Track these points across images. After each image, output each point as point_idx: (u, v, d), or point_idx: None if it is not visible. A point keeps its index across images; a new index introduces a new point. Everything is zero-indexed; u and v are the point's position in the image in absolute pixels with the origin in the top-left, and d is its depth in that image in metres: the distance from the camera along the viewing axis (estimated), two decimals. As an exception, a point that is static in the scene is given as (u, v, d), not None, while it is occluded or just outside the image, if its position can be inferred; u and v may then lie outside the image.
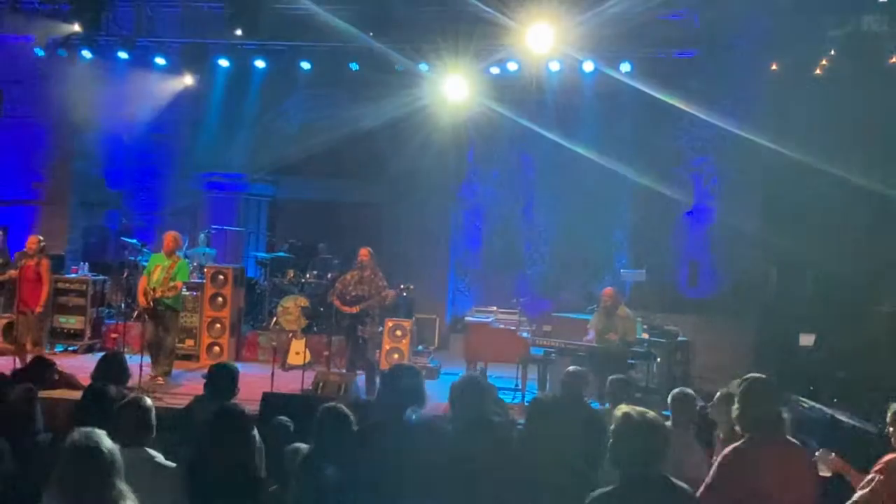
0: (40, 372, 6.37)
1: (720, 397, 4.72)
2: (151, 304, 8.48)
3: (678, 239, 11.91)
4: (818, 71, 10.49)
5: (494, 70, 11.26)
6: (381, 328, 9.71)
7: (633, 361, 8.40)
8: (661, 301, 10.94)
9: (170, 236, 8.83)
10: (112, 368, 5.09)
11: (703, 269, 11.75)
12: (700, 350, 9.89)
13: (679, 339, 9.50)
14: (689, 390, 5.04)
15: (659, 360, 9.00)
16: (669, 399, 4.90)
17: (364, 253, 8.87)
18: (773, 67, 10.94)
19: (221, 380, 4.74)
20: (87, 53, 11.68)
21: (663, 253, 11.83)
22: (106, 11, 11.15)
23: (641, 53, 10.52)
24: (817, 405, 7.10)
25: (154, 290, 8.45)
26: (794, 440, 3.68)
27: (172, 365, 8.89)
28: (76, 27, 11.17)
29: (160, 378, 8.52)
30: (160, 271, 8.56)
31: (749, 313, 10.89)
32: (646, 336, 9.17)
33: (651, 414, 3.10)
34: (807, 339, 9.61)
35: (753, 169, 11.48)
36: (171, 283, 8.47)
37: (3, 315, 9.75)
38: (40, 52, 11.69)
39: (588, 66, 10.92)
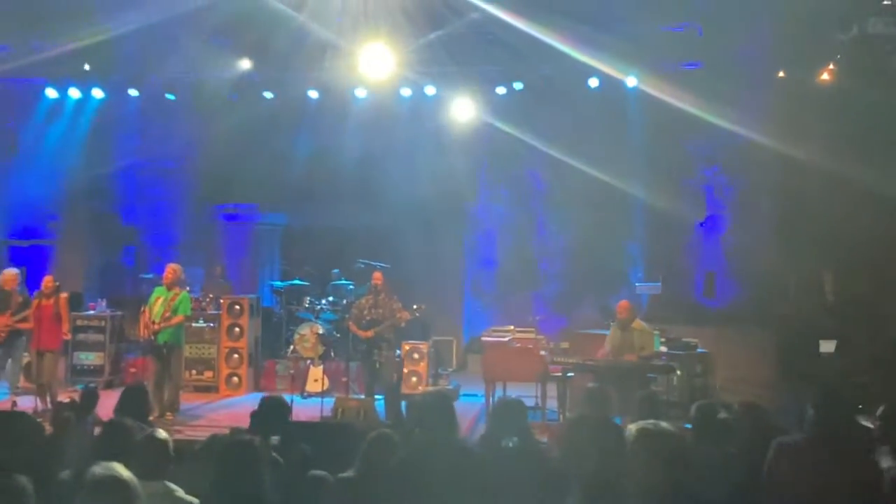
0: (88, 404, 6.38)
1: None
2: (153, 337, 8.43)
3: (693, 250, 11.85)
4: (826, 76, 10.46)
5: (501, 90, 11.34)
6: (398, 352, 9.70)
7: (652, 375, 8.32)
8: (678, 313, 10.85)
9: (170, 269, 8.80)
10: (134, 402, 5.09)
11: (719, 279, 11.67)
12: (720, 361, 9.79)
13: (698, 350, 9.42)
14: (711, 402, 4.98)
15: (679, 372, 8.91)
16: (692, 411, 4.84)
17: (377, 276, 8.91)
18: (780, 75, 10.92)
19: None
20: (97, 92, 11.86)
21: (678, 265, 11.76)
22: (115, 50, 11.32)
23: (646, 66, 10.54)
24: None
25: (154, 322, 8.42)
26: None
27: (179, 399, 8.80)
28: (87, 67, 11.36)
29: (169, 414, 8.43)
30: (161, 304, 8.52)
31: (768, 322, 10.78)
32: (664, 349, 9.09)
33: (664, 425, 3.08)
34: (828, 346, 9.50)
35: (765, 176, 11.44)
36: (171, 316, 8.43)
37: (24, 354, 9.80)
38: (52, 93, 11.87)
39: (593, 82, 10.97)
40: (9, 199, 12.70)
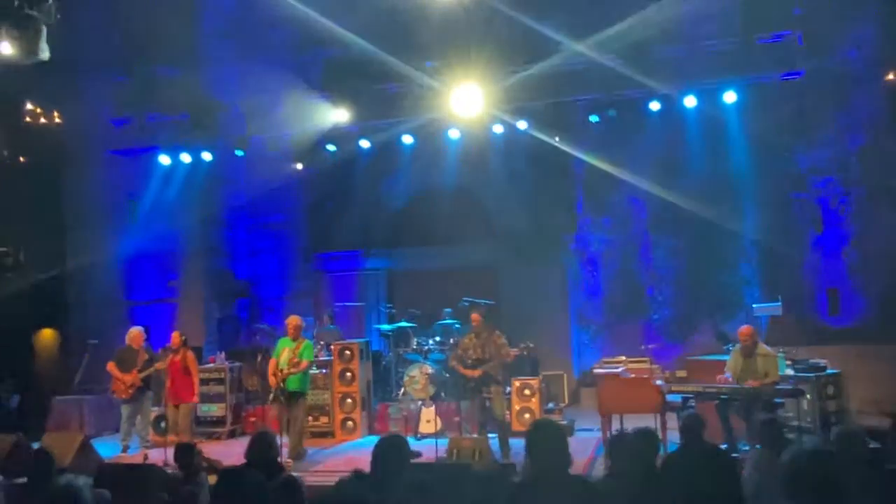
0: (186, 458, 6.60)
1: None
2: (282, 384, 8.84)
3: (812, 266, 11.22)
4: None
5: (593, 118, 11.21)
6: (507, 388, 9.59)
7: (779, 400, 7.88)
8: (802, 334, 10.29)
9: (292, 322, 9.23)
10: (264, 447, 5.20)
11: (843, 295, 10.99)
12: (853, 382, 9.18)
13: (828, 371, 8.87)
14: (856, 426, 4.65)
15: (809, 396, 8.41)
16: (833, 437, 4.52)
17: (475, 317, 8.86)
18: (889, 77, 10.37)
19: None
20: (206, 155, 12.51)
21: (798, 283, 11.17)
22: (220, 115, 11.97)
23: (746, 81, 10.20)
24: None
25: (282, 370, 8.87)
26: None
27: (302, 445, 9.07)
28: (195, 133, 12.03)
29: (289, 461, 8.57)
30: (287, 353, 9.00)
31: (901, 337, 10.08)
32: (790, 372, 8.61)
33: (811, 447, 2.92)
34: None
35: (884, 183, 10.78)
36: (296, 361, 8.87)
37: (153, 409, 10.26)
38: (166, 160, 12.60)
39: (690, 101, 10.70)
40: (131, 261, 13.47)
